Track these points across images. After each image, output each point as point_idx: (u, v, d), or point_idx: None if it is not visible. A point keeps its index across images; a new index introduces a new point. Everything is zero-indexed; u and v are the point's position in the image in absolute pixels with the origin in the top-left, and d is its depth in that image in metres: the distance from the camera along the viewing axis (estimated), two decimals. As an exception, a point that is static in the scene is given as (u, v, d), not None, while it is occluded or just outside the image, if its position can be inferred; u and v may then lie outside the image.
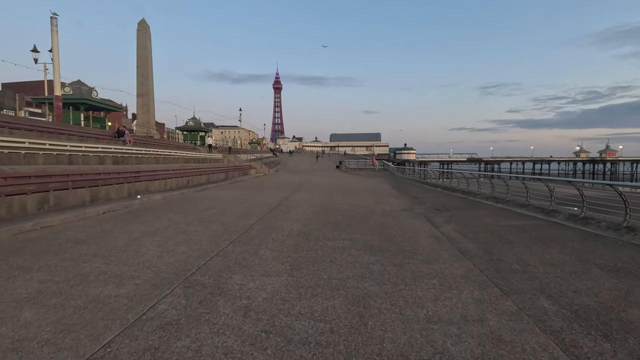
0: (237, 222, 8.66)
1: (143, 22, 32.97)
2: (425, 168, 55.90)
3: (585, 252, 6.06)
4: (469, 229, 8.35)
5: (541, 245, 6.62)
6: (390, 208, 12.13)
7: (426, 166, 75.36)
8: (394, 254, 6.08)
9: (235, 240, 6.72)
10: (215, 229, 7.69)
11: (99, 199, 10.76)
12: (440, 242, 7.07)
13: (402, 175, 34.70)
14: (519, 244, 6.79)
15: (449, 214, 10.83)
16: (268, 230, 7.79)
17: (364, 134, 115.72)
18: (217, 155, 31.51)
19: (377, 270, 5.14)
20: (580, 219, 8.27)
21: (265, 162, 41.51)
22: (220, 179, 22.94)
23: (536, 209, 10.17)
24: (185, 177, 17.59)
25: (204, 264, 5.18)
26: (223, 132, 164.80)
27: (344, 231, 7.87)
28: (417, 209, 12.07)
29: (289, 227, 8.14)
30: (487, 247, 6.64)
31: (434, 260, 5.76)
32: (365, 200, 14.56)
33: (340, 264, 5.37)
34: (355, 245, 6.62)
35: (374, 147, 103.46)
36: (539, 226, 8.45)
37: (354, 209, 11.64)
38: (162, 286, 4.23)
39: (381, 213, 10.80)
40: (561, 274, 5.01)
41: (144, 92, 33.85)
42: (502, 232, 7.94)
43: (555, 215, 9.09)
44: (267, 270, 4.98)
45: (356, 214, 10.42)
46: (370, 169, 43.48)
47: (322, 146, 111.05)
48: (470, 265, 5.46)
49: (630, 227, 7.01)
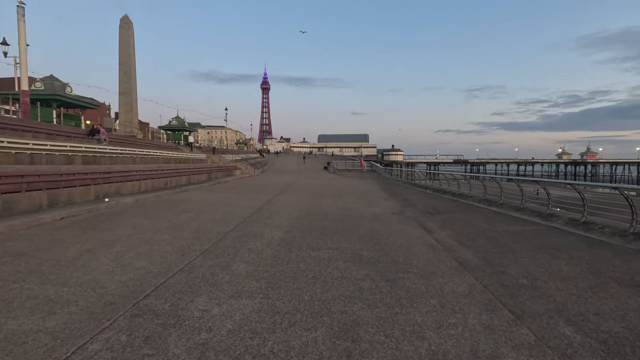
0: (212, 228, 7.82)
1: (126, 19, 31.69)
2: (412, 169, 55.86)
3: (596, 263, 5.49)
4: (465, 236, 7.74)
5: (546, 255, 6.04)
6: (380, 211, 11.47)
7: (413, 167, 75.60)
8: (386, 266, 5.38)
9: (206, 251, 5.90)
10: (185, 237, 6.85)
11: (59, 202, 9.73)
12: (435, 251, 6.41)
13: (390, 176, 34.27)
14: (521, 253, 6.19)
15: (442, 218, 10.24)
16: (246, 238, 6.99)
17: (352, 135, 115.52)
18: (200, 156, 30.40)
19: (367, 287, 4.43)
20: (582, 224, 7.77)
21: (251, 162, 40.50)
22: (202, 180, 21.94)
23: (532, 212, 9.67)
24: (163, 178, 16.58)
25: (163, 282, 4.37)
26: (210, 132, 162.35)
27: (330, 239, 7.15)
28: (408, 212, 11.45)
29: (270, 235, 7.36)
30: (487, 256, 6.02)
31: (431, 273, 5.08)
32: (354, 202, 13.88)
33: (325, 281, 4.63)
34: (342, 255, 5.90)
35: (362, 148, 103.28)
36: (538, 232, 7.90)
37: (341, 212, 10.93)
38: (102, 315, 3.41)
39: (370, 217, 10.12)
40: (576, 290, 4.40)
41: (126, 90, 32.49)
42: (501, 238, 7.35)
43: (554, 220, 8.58)
44: (239, 290, 4.20)
45: (344, 219, 9.71)
46: (358, 170, 42.95)
47: (310, 147, 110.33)
48: (472, 280, 4.80)
49: (638, 233, 6.51)
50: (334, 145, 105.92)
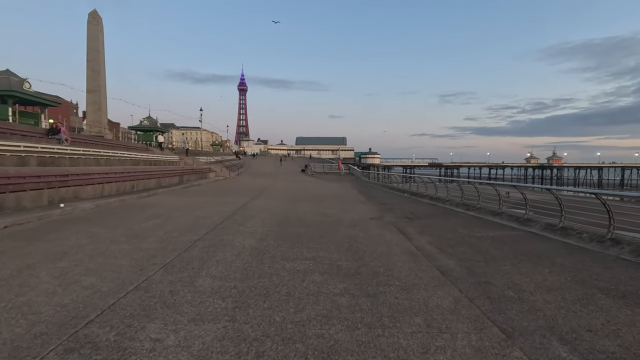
0: (178, 237, 7.20)
1: (95, 13, 30.11)
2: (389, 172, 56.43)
3: (579, 271, 5.35)
4: (445, 242, 7.52)
5: (528, 263, 5.87)
6: (358, 216, 11.15)
7: (390, 170, 76.52)
8: (366, 278, 5.01)
9: (168, 264, 5.32)
10: (147, 248, 6.21)
11: (4, 208, 8.76)
12: (416, 259, 6.11)
13: (368, 179, 34.27)
14: (503, 261, 5.99)
15: (421, 223, 10.03)
16: (215, 248, 6.44)
17: (330, 138, 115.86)
18: (172, 157, 29.20)
19: (346, 304, 4.02)
20: (559, 229, 7.74)
21: (227, 165, 39.44)
22: (173, 183, 20.94)
23: (510, 217, 9.64)
24: (129, 182, 15.58)
25: (112, 304, 3.78)
26: (184, 133, 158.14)
27: (306, 247, 6.71)
28: (387, 217, 11.20)
29: (241, 244, 6.83)
30: (469, 265, 5.77)
31: (414, 285, 4.75)
32: (332, 207, 13.51)
33: (299, 297, 4.19)
34: (319, 267, 5.48)
35: (340, 151, 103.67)
36: (518, 238, 7.80)
37: (318, 218, 10.52)
38: (27, 351, 2.81)
39: (349, 223, 9.77)
40: (564, 302, 4.18)
41: (94, 88, 30.76)
42: (482, 245, 7.17)
43: (532, 225, 8.54)
44: (201, 311, 3.69)
45: (321, 225, 9.31)
46: (336, 173, 42.80)
47: (287, 149, 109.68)
48: (457, 293, 4.51)
49: (615, 239, 6.49)
50: (312, 148, 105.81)
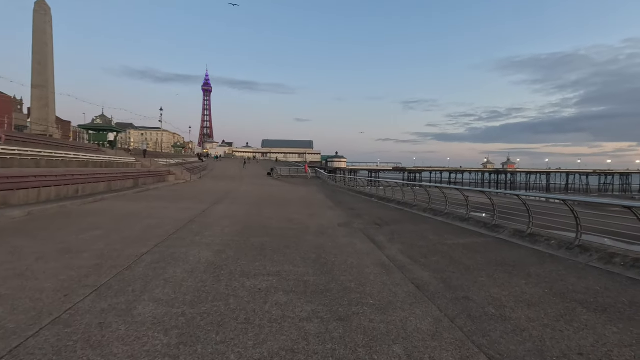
0: (122, 250, 6.28)
1: (42, 3, 27.58)
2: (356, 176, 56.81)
3: (555, 282, 5.18)
4: (417, 251, 7.20)
5: (503, 273, 5.64)
6: (327, 223, 10.65)
7: (356, 174, 77.19)
8: (337, 296, 4.48)
9: (104, 286, 4.47)
10: (80, 266, 5.28)
11: None
12: (390, 272, 5.69)
13: (335, 183, 34.03)
14: (479, 272, 5.72)
15: (390, 229, 9.72)
16: (164, 263, 5.62)
17: (297, 141, 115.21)
18: (127, 159, 27.20)
19: (315, 332, 3.46)
20: (528, 235, 7.70)
21: (188, 167, 37.56)
22: (126, 187, 19.32)
23: (478, 223, 9.58)
24: (73, 185, 14.02)
25: (14, 348, 2.95)
26: (144, 133, 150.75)
27: (270, 260, 6.07)
28: (355, 223, 10.80)
29: (196, 257, 6.06)
30: (445, 277, 5.43)
31: (389, 304, 4.29)
32: (298, 213, 12.92)
33: (260, 325, 3.57)
34: (284, 284, 4.88)
35: (307, 155, 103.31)
36: (488, 245, 7.66)
37: (284, 225, 9.89)
38: None
39: (316, 230, 9.23)
40: (547, 320, 3.89)
41: (41, 83, 28.05)
42: (454, 254, 6.92)
43: (500, 231, 8.48)
44: (135, 352, 2.96)
45: (287, 233, 8.69)
46: (303, 177, 42.22)
47: (253, 152, 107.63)
48: (436, 312, 4.10)
49: (583, 246, 6.47)
50: (278, 151, 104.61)
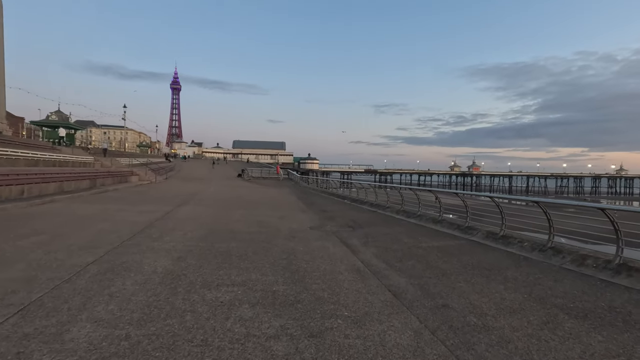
0: (64, 260, 5.52)
1: (-11, -7, 25.12)
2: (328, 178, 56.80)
3: (533, 286, 5.04)
4: (392, 254, 6.93)
5: (481, 277, 5.45)
6: (298, 226, 10.21)
7: (328, 176, 77.29)
8: (309, 307, 4.06)
9: (33, 304, 3.79)
10: (9, 278, 4.52)
11: None
12: (364, 278, 5.35)
13: (307, 185, 33.64)
14: (456, 276, 5.51)
15: (364, 232, 9.43)
16: (112, 274, 4.96)
17: (269, 142, 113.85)
18: (85, 158, 25.38)
19: (282, 353, 3.03)
20: (501, 237, 7.66)
21: (153, 168, 35.78)
22: (82, 187, 17.88)
23: (451, 225, 9.51)
24: (17, 186, 12.67)
25: None
26: (106, 132, 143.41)
27: (236, 268, 5.55)
28: (328, 225, 10.44)
29: (152, 266, 5.43)
30: (422, 283, 5.16)
31: (365, 315, 3.93)
32: (268, 215, 12.38)
33: (220, 347, 3.08)
34: (250, 295, 4.39)
35: (279, 156, 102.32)
36: (463, 248, 7.53)
37: (253, 229, 9.34)
38: None
39: (287, 234, 8.76)
40: (531, 329, 3.68)
41: (-12, 76, 25.55)
42: (429, 257, 6.70)
43: (474, 233, 8.42)
44: (57, 391, 2.39)
45: (256, 237, 8.16)
46: (274, 178, 41.45)
47: (224, 153, 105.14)
48: (416, 323, 3.78)
49: (555, 248, 6.46)
50: (250, 152, 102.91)
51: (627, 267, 5.23)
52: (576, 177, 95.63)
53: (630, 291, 4.72)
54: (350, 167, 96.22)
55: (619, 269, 5.23)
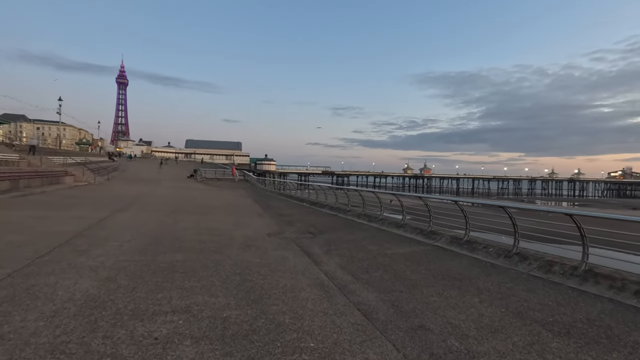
0: (-54, 286, 4.26)
1: None
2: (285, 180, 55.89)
3: (507, 298, 4.75)
4: (358, 264, 6.41)
5: (453, 289, 5.09)
6: (254, 233, 9.38)
7: (286, 177, 76.35)
8: (267, 339, 3.35)
9: None
10: None
11: None
12: (330, 295, 4.74)
13: (264, 186, 32.54)
14: (427, 288, 5.10)
15: (326, 238, 8.86)
16: (12, 304, 3.86)
17: (224, 142, 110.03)
18: (5, 156, 22.18)
19: (233, 414, 2.30)
20: (465, 243, 7.47)
21: (93, 167, 32.49)
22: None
23: (414, 229, 9.26)
24: None
25: None
26: (40, 127, 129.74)
27: (178, 289, 4.67)
28: (287, 232, 9.73)
29: (69, 291, 4.37)
30: (393, 298, 4.67)
31: (335, 346, 3.31)
32: (222, 221, 11.38)
33: (145, 414, 2.28)
34: (194, 326, 3.58)
35: (235, 157, 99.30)
36: (429, 255, 7.22)
37: (204, 237, 8.36)
38: None
39: (242, 243, 7.93)
40: (518, 352, 3.29)
41: None
42: (397, 266, 6.28)
43: (437, 238, 8.20)
44: None
45: (206, 247, 7.24)
46: (229, 179, 39.72)
47: (175, 152, 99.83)
48: (393, 352, 3.25)
49: (521, 254, 6.35)
50: (204, 152, 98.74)
51: (593, 273, 5.16)
52: (515, 179, 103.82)
53: (601, 300, 4.60)
54: (308, 168, 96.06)
55: (586, 276, 5.15)
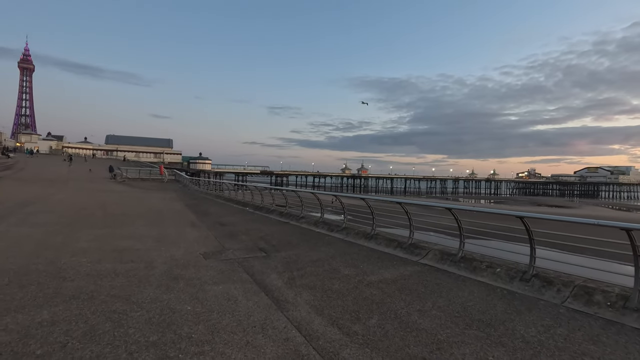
0: None
1: None
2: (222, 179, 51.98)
3: (580, 357, 3.21)
4: (338, 303, 4.49)
5: (495, 347, 3.42)
6: (185, 253, 6.93)
7: (222, 177, 71.61)
8: None
9: None
10: None
11: None
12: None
13: (198, 188, 28.95)
14: (458, 347, 3.36)
15: (284, 259, 6.78)
16: None
17: (153, 139, 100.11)
18: None
19: None
20: (461, 260, 6.00)
21: (-27, 164, 25.90)
22: None
23: (389, 241, 7.62)
24: None
25: None
26: None
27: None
28: (230, 249, 7.44)
29: None
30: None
31: None
32: (140, 235, 8.61)
33: None
34: None
35: (165, 155, 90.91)
36: (425, 280, 5.57)
37: (105, 267, 5.72)
38: None
39: (165, 272, 5.50)
40: None
41: None
42: (394, 304, 4.49)
43: (422, 254, 6.65)
44: None
45: (103, 288, 4.70)
46: (158, 180, 35.02)
47: (93, 149, 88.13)
48: None
49: (540, 275, 5.01)
50: (129, 149, 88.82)
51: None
52: (441, 179, 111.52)
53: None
54: (246, 168, 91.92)
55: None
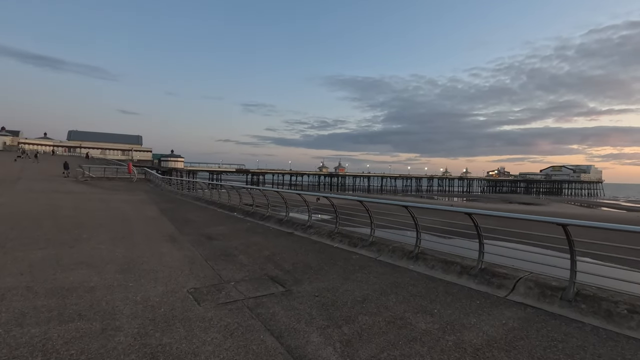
0: None
1: None
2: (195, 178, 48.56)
3: None
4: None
5: None
6: (164, 294, 4.62)
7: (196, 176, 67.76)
8: None
9: None
10: None
11: None
12: None
13: (171, 187, 25.98)
14: None
15: (314, 297, 4.63)
16: None
17: (120, 135, 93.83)
18: None
19: None
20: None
21: None
22: None
23: (447, 264, 5.61)
24: None
25: None
26: None
27: None
28: (231, 283, 5.20)
29: None
30: None
31: None
32: (98, 259, 6.16)
33: None
34: None
35: (134, 152, 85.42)
36: (552, 335, 3.63)
37: (26, 334, 3.37)
38: None
39: (135, 340, 3.22)
40: None
41: None
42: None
43: (506, 285, 4.71)
44: None
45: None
46: (126, 179, 31.50)
47: (54, 145, 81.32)
48: None
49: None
50: (94, 146, 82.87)
51: None
52: (417, 177, 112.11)
53: None
54: (221, 166, 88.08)
55: None
